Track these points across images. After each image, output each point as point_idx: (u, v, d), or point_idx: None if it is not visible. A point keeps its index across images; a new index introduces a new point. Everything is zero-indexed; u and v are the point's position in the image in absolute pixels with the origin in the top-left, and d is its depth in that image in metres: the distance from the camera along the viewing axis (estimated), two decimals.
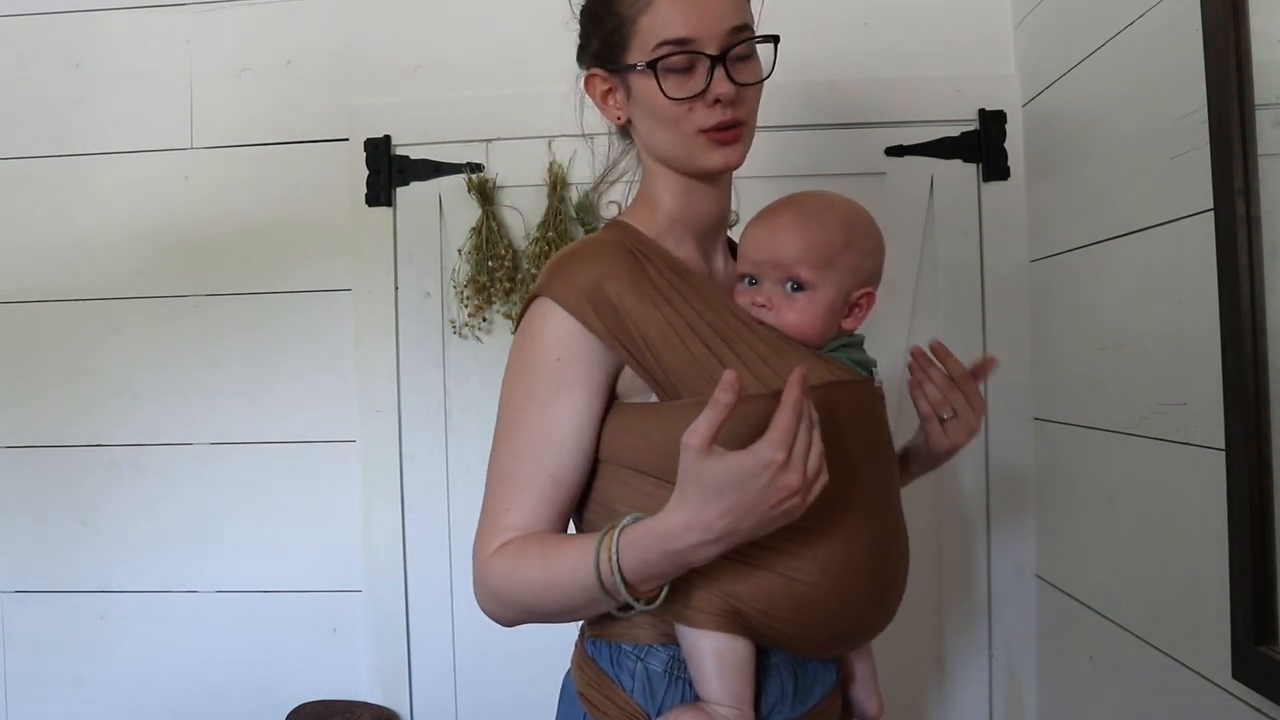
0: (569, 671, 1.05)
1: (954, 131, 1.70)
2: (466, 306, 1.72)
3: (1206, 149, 1.09)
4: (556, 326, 0.93)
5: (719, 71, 0.93)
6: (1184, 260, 1.17)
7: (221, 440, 1.80)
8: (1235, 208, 1.03)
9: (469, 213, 1.73)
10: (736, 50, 0.94)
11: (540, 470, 0.93)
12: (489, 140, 1.74)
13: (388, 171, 1.76)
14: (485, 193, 1.71)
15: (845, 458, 0.92)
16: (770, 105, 1.68)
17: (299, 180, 1.79)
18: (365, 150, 1.76)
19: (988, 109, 1.68)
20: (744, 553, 0.87)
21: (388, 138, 1.76)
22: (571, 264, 0.95)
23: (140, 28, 1.82)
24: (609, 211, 1.11)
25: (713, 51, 0.93)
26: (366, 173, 1.76)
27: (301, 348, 1.79)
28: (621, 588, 0.85)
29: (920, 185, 1.70)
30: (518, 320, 1.00)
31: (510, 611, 0.95)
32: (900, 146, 1.70)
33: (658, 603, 0.88)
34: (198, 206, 1.81)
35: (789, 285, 0.95)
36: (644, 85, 0.95)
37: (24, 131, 1.84)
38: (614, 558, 0.84)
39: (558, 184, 1.69)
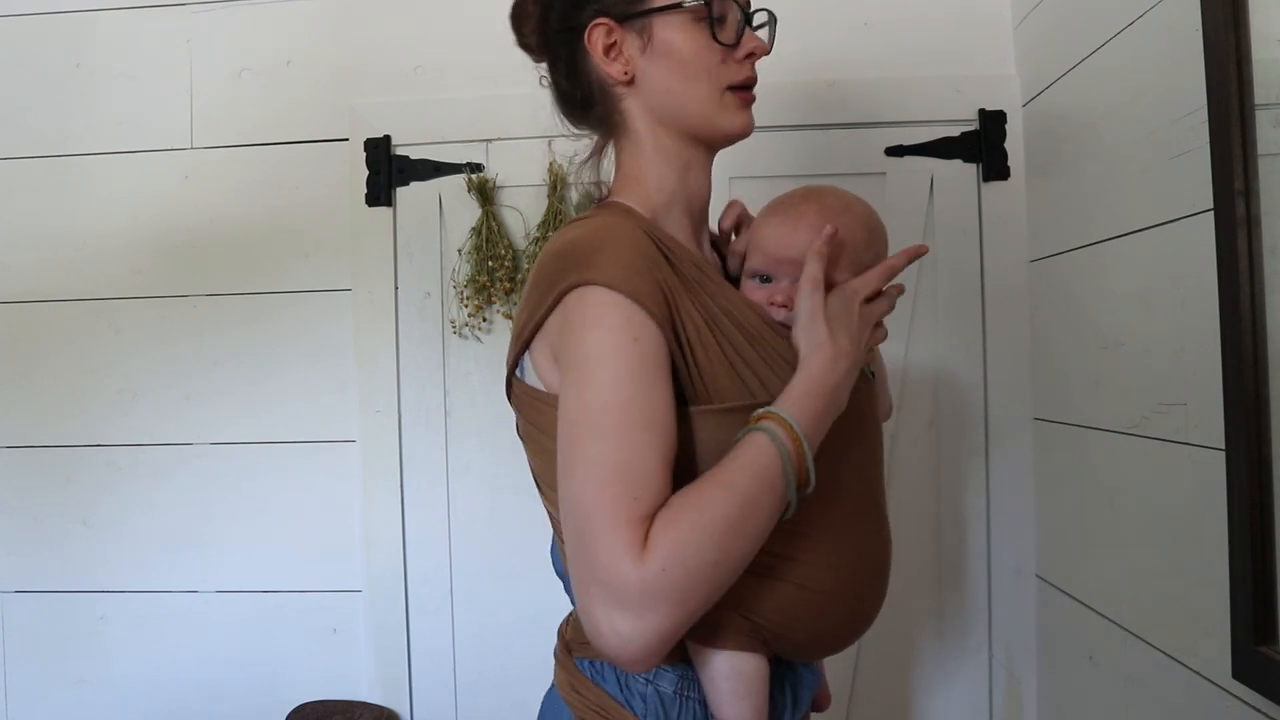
0: (552, 694, 0.99)
1: (954, 131, 1.70)
2: (466, 306, 1.72)
3: (1206, 149, 1.09)
4: (619, 309, 0.82)
5: (748, 29, 0.95)
6: (1184, 260, 1.17)
7: (221, 440, 1.80)
8: (1235, 208, 1.03)
9: (469, 213, 1.73)
10: (757, 17, 0.97)
11: (655, 455, 0.80)
12: (489, 140, 1.74)
13: (388, 171, 1.76)
14: (485, 193, 1.71)
15: (854, 458, 0.93)
16: (770, 105, 1.70)
17: (299, 180, 1.79)
18: (365, 150, 1.76)
19: (988, 109, 1.68)
20: (767, 567, 0.86)
21: (388, 138, 1.76)
22: (609, 248, 0.85)
23: (140, 28, 1.82)
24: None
25: (745, 9, 0.95)
26: (366, 173, 1.76)
27: (301, 348, 1.79)
28: (809, 457, 0.81)
29: (920, 185, 1.70)
30: (540, 315, 0.87)
31: (694, 591, 0.77)
32: (900, 146, 1.70)
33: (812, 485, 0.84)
34: (198, 206, 1.81)
35: None
36: (677, 31, 0.92)
37: (24, 131, 1.84)
38: (794, 425, 0.81)
39: (558, 184, 1.69)
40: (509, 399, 0.98)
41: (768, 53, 0.96)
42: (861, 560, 0.92)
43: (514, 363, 0.94)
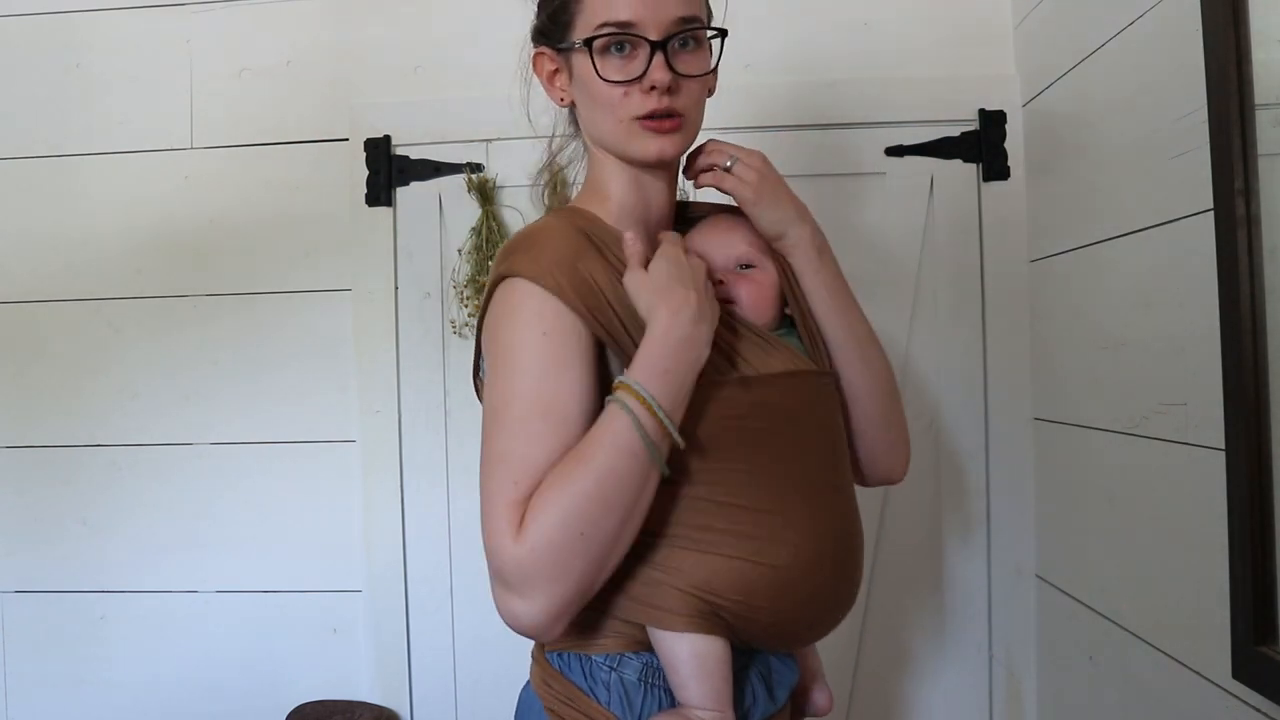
0: (527, 688, 1.02)
1: (954, 131, 1.70)
2: (466, 306, 1.72)
3: (1206, 149, 1.09)
4: (537, 302, 0.89)
5: (658, 58, 0.92)
6: (1184, 260, 1.17)
7: (221, 440, 1.80)
8: (1235, 208, 1.03)
9: (469, 213, 1.73)
10: (679, 39, 0.93)
11: (546, 442, 0.85)
12: (489, 140, 1.74)
13: (388, 171, 1.76)
14: (485, 193, 1.71)
15: (804, 443, 0.95)
16: (770, 105, 1.70)
17: (299, 180, 1.79)
18: (365, 150, 1.76)
19: (988, 109, 1.68)
20: (715, 544, 0.89)
21: (388, 138, 1.76)
22: (536, 244, 0.92)
23: (140, 28, 1.82)
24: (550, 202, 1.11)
25: (654, 37, 0.92)
26: (366, 173, 1.76)
27: (301, 348, 1.79)
28: (663, 416, 0.84)
29: (920, 185, 1.70)
30: (481, 311, 0.95)
31: (569, 567, 0.82)
32: (900, 146, 1.70)
33: (681, 445, 0.87)
34: (198, 206, 1.81)
35: (738, 267, 1.02)
36: (583, 66, 0.95)
37: (24, 131, 1.84)
38: (640, 390, 0.84)
39: (557, 184, 1.68)
40: (478, 396, 1.02)
41: (666, 85, 0.92)
42: (819, 538, 0.93)
43: (475, 361, 1.01)
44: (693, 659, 0.89)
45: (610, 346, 0.91)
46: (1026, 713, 1.67)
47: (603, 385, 0.91)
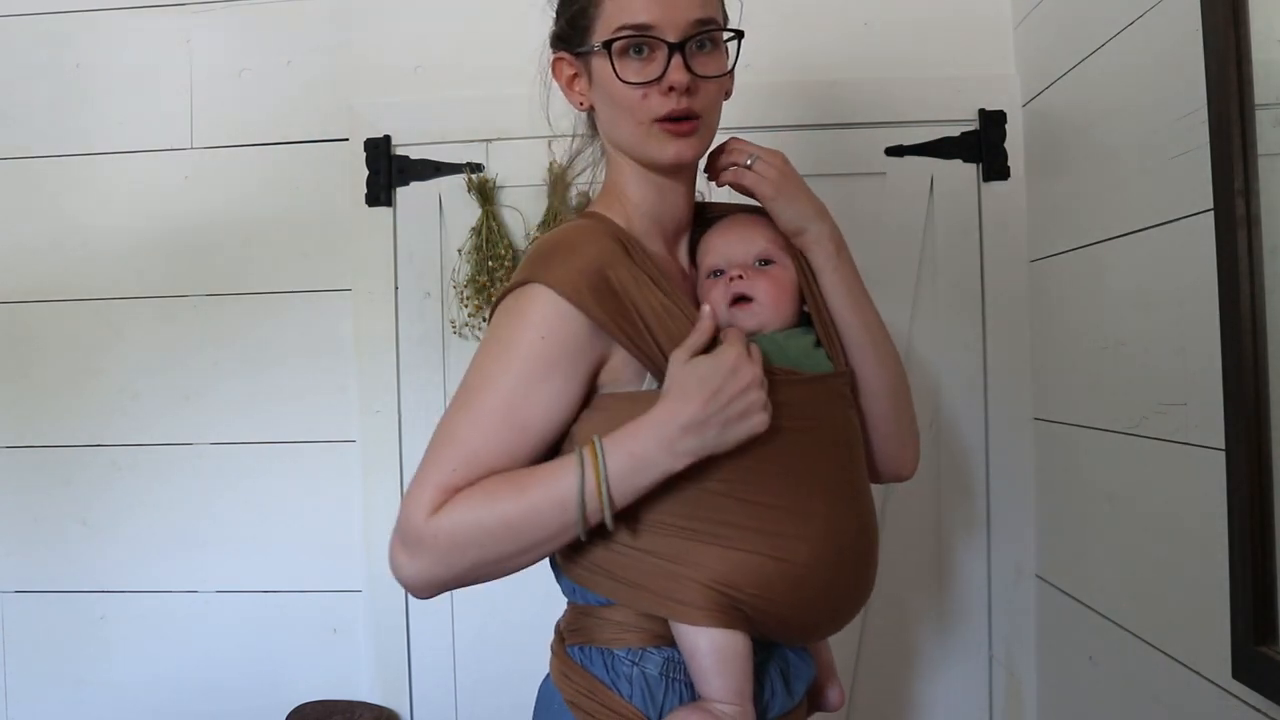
0: (546, 682, 1.03)
1: (954, 131, 1.70)
2: (466, 306, 1.72)
3: (1206, 149, 1.09)
4: (547, 307, 0.90)
5: (676, 60, 0.93)
6: (1184, 260, 1.17)
7: (221, 440, 1.80)
8: (1235, 208, 1.03)
9: (469, 213, 1.73)
10: (697, 40, 0.95)
11: (499, 442, 0.90)
12: (489, 140, 1.74)
13: (388, 171, 1.76)
14: (485, 193, 1.71)
15: (823, 443, 0.96)
16: (770, 105, 1.70)
17: (299, 180, 1.79)
18: (365, 150, 1.76)
19: (988, 109, 1.68)
20: (736, 539, 0.90)
21: (388, 138, 1.76)
22: (566, 250, 0.93)
23: (140, 28, 1.82)
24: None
25: (672, 39, 0.93)
26: (366, 173, 1.76)
27: (301, 348, 1.79)
28: (605, 495, 0.86)
29: (920, 185, 1.70)
30: (492, 309, 0.97)
31: (454, 562, 0.89)
32: (900, 146, 1.70)
33: (610, 526, 0.89)
34: (198, 206, 1.81)
35: (757, 263, 1.03)
36: (603, 69, 0.96)
37: (24, 131, 1.84)
38: (601, 460, 0.86)
39: (558, 184, 1.69)
40: None
41: (685, 86, 0.93)
42: (837, 535, 0.94)
43: None
44: (714, 652, 0.91)
45: (633, 352, 0.92)
46: (1026, 713, 1.67)
47: (589, 399, 0.94)
